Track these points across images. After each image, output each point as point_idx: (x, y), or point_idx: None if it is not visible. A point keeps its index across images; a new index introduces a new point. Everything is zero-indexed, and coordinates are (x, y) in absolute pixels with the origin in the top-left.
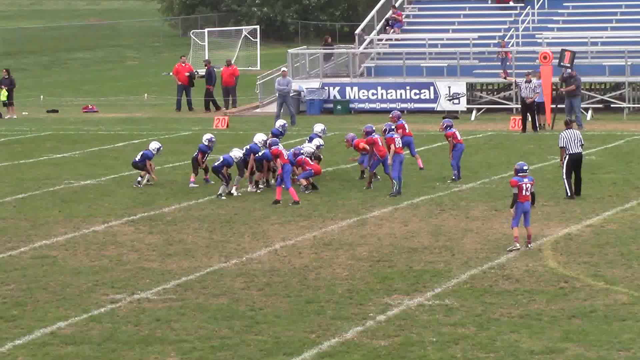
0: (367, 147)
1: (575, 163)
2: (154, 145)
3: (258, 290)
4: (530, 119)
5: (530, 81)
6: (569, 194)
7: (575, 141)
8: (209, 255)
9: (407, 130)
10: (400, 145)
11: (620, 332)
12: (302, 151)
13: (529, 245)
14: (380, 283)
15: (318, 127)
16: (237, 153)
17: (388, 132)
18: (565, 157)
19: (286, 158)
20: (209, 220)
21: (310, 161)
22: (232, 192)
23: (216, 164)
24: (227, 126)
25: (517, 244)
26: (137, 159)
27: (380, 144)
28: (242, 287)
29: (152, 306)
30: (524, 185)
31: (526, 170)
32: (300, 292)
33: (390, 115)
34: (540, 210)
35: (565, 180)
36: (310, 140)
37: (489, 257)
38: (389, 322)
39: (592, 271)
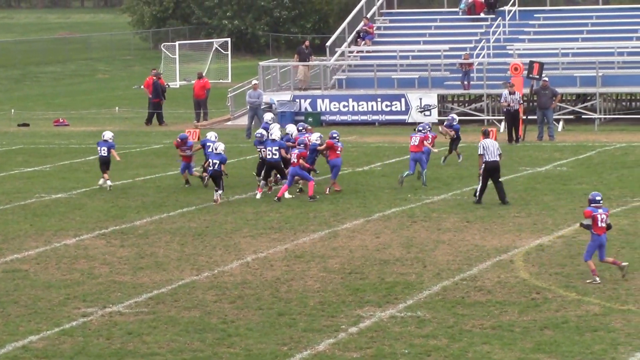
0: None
1: (492, 171)
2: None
3: (230, 303)
4: (511, 129)
5: (515, 92)
6: (477, 199)
7: (494, 150)
8: (181, 268)
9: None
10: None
11: (592, 343)
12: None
13: (623, 263)
14: (352, 295)
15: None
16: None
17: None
18: (482, 166)
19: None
20: (181, 233)
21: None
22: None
23: (214, 168)
24: (199, 138)
25: (597, 278)
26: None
27: (338, 150)
28: (214, 300)
29: (123, 319)
30: (598, 216)
31: (599, 200)
32: (272, 304)
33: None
34: (511, 222)
35: (479, 186)
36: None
37: (461, 268)
38: (361, 334)
39: (563, 282)
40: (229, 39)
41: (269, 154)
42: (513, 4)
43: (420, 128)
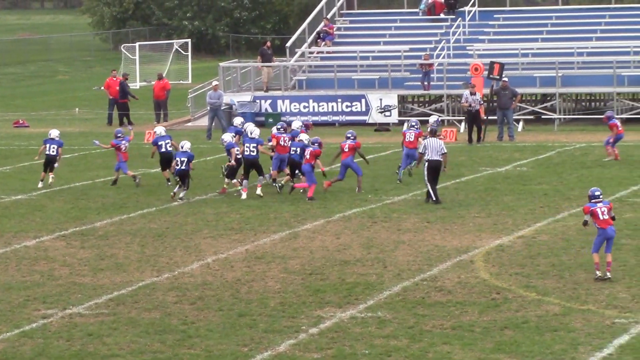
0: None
1: (433, 170)
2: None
3: (190, 304)
4: (472, 129)
5: (475, 93)
6: (433, 199)
7: (436, 149)
8: (141, 269)
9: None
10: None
11: (552, 342)
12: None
13: (608, 273)
14: (312, 296)
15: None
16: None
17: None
18: (425, 164)
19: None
20: (141, 235)
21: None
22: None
23: (181, 166)
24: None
25: (598, 272)
26: None
27: (282, 143)
28: (175, 301)
29: (84, 321)
30: (598, 210)
31: (599, 195)
32: (232, 305)
33: None
34: (472, 222)
35: (429, 185)
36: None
37: (421, 268)
38: (321, 334)
39: (524, 282)
40: (189, 40)
41: (246, 151)
42: (473, 5)
43: (414, 123)
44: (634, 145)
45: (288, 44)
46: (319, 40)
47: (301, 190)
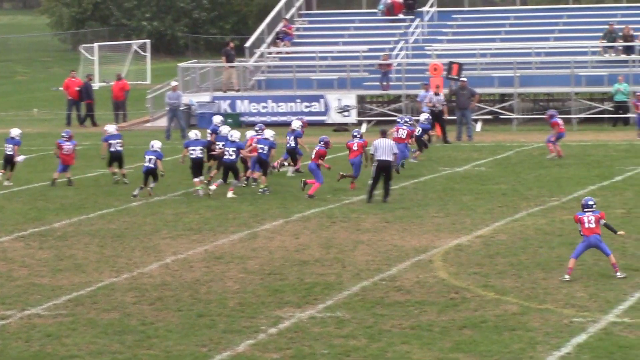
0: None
1: (382, 169)
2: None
3: (149, 305)
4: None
5: (439, 94)
6: (368, 198)
7: (386, 150)
8: (100, 270)
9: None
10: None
11: (511, 342)
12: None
13: (617, 274)
14: (271, 296)
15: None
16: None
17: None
18: (374, 164)
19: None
20: (100, 235)
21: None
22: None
23: (149, 164)
24: None
25: (567, 276)
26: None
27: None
28: (134, 301)
29: (42, 322)
30: (585, 218)
31: (592, 205)
32: (191, 306)
33: None
34: (430, 222)
35: (370, 186)
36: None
37: (380, 268)
38: (280, 334)
39: (482, 282)
40: (148, 41)
41: (227, 154)
42: (431, 5)
43: (407, 119)
44: (592, 145)
45: (247, 45)
46: (277, 40)
47: (308, 197)
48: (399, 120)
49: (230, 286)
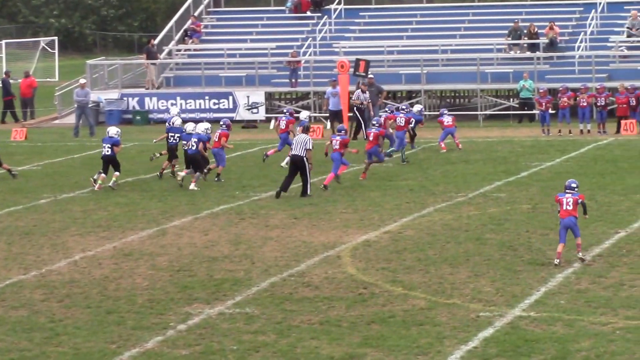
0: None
1: (295, 164)
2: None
3: (58, 302)
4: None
5: (366, 92)
6: (278, 190)
7: (300, 145)
8: (8, 267)
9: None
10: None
11: (419, 336)
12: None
13: (579, 254)
14: (180, 292)
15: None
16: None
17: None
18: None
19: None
20: (7, 233)
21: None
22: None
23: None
24: (26, 137)
25: (557, 260)
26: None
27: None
28: (42, 298)
29: None
30: (564, 199)
31: (574, 187)
32: (100, 303)
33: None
34: (339, 218)
35: (284, 181)
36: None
37: (289, 264)
38: (189, 331)
39: (390, 277)
40: (55, 38)
41: (188, 145)
42: (339, 3)
43: (404, 107)
44: (498, 142)
45: (155, 42)
46: (186, 38)
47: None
48: (386, 110)
49: (139, 283)
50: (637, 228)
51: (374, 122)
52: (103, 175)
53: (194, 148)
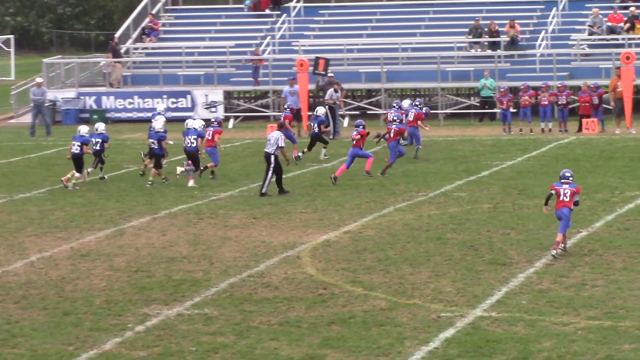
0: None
1: (265, 160)
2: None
3: (14, 303)
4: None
5: (338, 90)
6: (261, 191)
7: (272, 141)
8: None
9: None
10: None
11: (379, 337)
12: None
13: (555, 250)
14: (138, 293)
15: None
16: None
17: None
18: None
19: None
20: None
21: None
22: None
23: (96, 147)
24: None
25: (554, 252)
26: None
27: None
28: None
29: None
30: (561, 190)
31: (569, 177)
32: (57, 304)
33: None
34: (298, 218)
35: (263, 179)
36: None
37: (248, 265)
38: (147, 332)
39: (350, 277)
40: (11, 36)
41: (187, 142)
42: (298, 0)
43: (417, 103)
44: (458, 140)
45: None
46: (144, 36)
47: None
48: (417, 104)
49: (97, 284)
50: (598, 227)
51: (395, 119)
52: (76, 174)
53: (193, 145)
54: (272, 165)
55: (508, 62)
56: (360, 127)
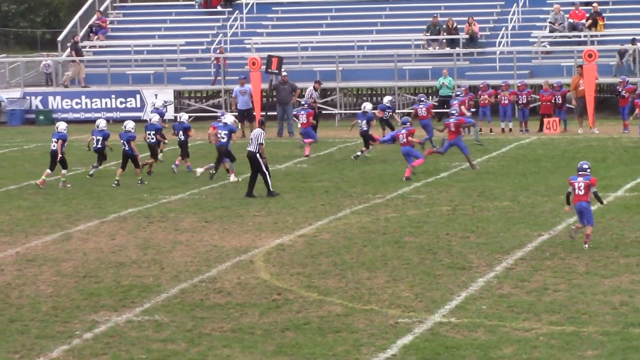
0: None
1: (250, 161)
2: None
3: None
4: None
5: (317, 89)
6: (247, 192)
7: (252, 140)
8: None
9: None
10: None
11: (335, 344)
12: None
13: (585, 245)
14: (86, 299)
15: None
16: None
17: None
18: None
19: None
20: None
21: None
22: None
23: (97, 144)
24: None
25: (572, 234)
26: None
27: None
28: None
29: None
30: (576, 184)
31: (586, 168)
32: (2, 311)
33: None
34: (251, 221)
35: (250, 180)
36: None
37: (200, 270)
38: (96, 339)
39: (305, 282)
40: None
41: (219, 138)
42: None
43: (422, 98)
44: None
45: (60, 38)
46: (91, 34)
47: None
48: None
49: (43, 290)
50: (560, 230)
51: (453, 112)
52: (48, 171)
53: (224, 140)
54: (259, 166)
55: (467, 60)
56: (408, 123)
